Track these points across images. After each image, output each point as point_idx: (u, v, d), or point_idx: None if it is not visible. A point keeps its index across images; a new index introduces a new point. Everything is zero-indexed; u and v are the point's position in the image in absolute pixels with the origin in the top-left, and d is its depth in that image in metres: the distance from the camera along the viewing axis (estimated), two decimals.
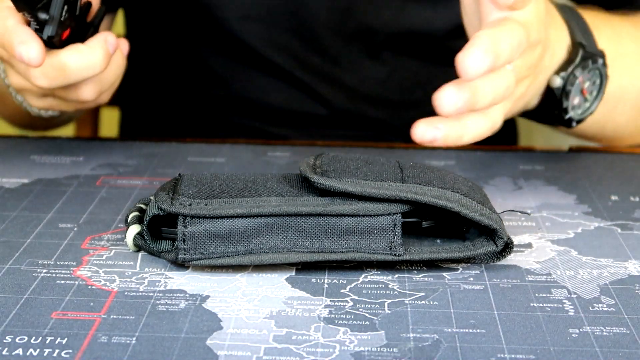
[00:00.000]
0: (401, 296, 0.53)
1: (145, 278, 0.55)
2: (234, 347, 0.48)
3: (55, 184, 0.70)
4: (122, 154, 0.77)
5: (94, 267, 0.56)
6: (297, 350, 0.48)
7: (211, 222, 0.54)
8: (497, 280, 0.56)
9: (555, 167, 0.75)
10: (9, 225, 0.62)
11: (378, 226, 0.55)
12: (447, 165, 0.76)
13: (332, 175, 0.55)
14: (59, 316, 0.51)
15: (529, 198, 0.68)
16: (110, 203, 0.66)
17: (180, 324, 0.50)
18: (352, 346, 0.48)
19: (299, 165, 0.57)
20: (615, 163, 0.77)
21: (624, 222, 0.64)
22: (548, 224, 0.64)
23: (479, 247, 0.56)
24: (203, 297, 0.53)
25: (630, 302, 0.53)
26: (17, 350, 0.47)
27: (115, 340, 0.48)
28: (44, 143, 0.80)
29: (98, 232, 0.62)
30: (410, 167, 0.58)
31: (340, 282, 0.55)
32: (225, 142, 0.81)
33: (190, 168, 0.75)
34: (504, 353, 0.48)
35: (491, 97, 0.60)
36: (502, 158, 0.78)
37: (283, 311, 0.52)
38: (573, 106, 0.72)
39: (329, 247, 0.55)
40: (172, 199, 0.55)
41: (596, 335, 0.50)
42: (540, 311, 0.52)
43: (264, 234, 0.55)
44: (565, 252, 0.59)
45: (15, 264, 0.57)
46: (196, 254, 0.55)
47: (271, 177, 0.58)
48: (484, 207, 0.56)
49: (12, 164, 0.74)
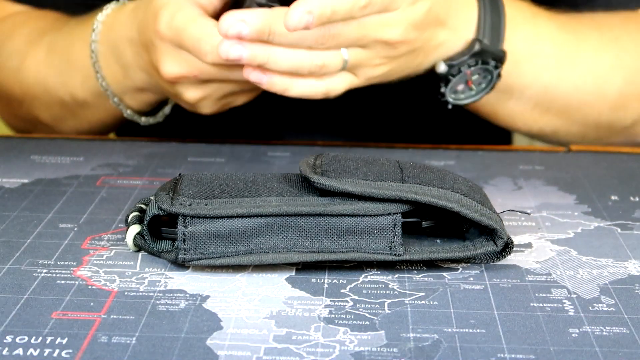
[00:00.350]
0: (401, 296, 0.53)
1: (145, 278, 0.55)
2: (234, 347, 0.48)
3: (55, 184, 0.70)
4: (122, 154, 0.77)
5: (94, 267, 0.56)
6: (297, 350, 0.48)
7: (211, 222, 0.54)
8: (497, 280, 0.56)
9: (555, 167, 0.75)
10: (9, 225, 0.62)
11: (378, 226, 0.55)
12: (447, 165, 0.76)
13: (332, 175, 0.55)
14: (59, 316, 0.51)
15: (528, 198, 0.68)
16: (110, 203, 0.66)
17: (180, 324, 0.50)
18: (352, 346, 0.48)
19: (299, 165, 0.57)
20: (615, 163, 0.76)
21: (624, 222, 0.64)
22: (548, 224, 0.64)
23: (479, 247, 0.56)
24: (203, 297, 0.53)
25: (630, 302, 0.53)
26: (17, 350, 0.47)
27: (115, 340, 0.48)
28: (44, 143, 0.80)
29: (98, 232, 0.62)
30: (410, 167, 0.58)
31: (340, 282, 0.55)
32: (225, 142, 0.81)
33: (190, 168, 0.75)
34: (504, 353, 0.48)
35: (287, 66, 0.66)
36: (502, 158, 0.78)
37: (283, 311, 0.52)
38: (455, 90, 0.75)
39: (329, 247, 0.55)
40: (172, 199, 0.55)
41: (596, 335, 0.50)
42: (540, 311, 0.52)
43: (264, 234, 0.55)
44: (565, 252, 0.59)
45: (16, 264, 0.57)
46: (196, 254, 0.55)
47: (271, 177, 0.58)
48: (484, 207, 0.56)
49: (12, 164, 0.74)
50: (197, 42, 0.68)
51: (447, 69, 0.73)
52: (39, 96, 0.84)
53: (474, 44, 0.73)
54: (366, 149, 0.80)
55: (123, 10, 0.78)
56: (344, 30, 0.67)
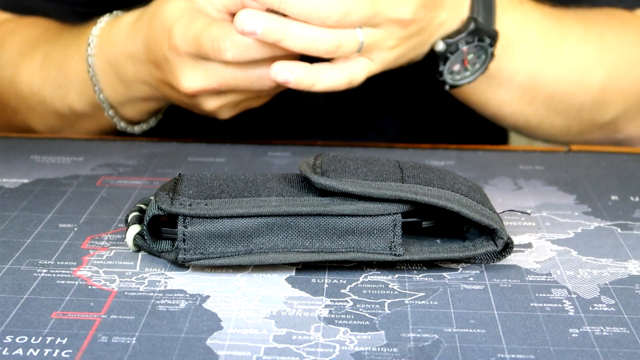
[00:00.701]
0: (401, 296, 0.53)
1: (145, 278, 0.55)
2: (234, 347, 0.48)
3: (55, 184, 0.70)
4: (122, 154, 0.77)
5: (94, 267, 0.56)
6: (297, 350, 0.48)
7: (211, 222, 0.54)
8: (497, 280, 0.56)
9: (555, 167, 0.75)
10: (9, 225, 0.62)
11: (378, 226, 0.55)
12: (447, 165, 0.76)
13: (332, 175, 0.55)
14: (59, 316, 0.51)
15: (528, 198, 0.68)
16: (110, 203, 0.66)
17: (180, 324, 0.50)
18: (352, 346, 0.48)
19: (299, 165, 0.57)
20: (615, 163, 0.76)
21: (624, 222, 0.64)
22: (548, 224, 0.64)
23: (479, 247, 0.56)
24: (203, 297, 0.53)
25: (630, 302, 0.53)
26: (17, 350, 0.47)
27: (115, 340, 0.48)
28: (44, 143, 0.80)
29: (98, 232, 0.62)
30: (410, 167, 0.58)
31: (340, 282, 0.55)
32: (225, 142, 0.81)
33: (190, 168, 0.75)
34: (504, 353, 0.48)
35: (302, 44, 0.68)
36: (502, 158, 0.78)
37: (283, 311, 0.52)
38: (451, 71, 0.76)
39: (329, 247, 0.55)
40: (172, 199, 0.55)
41: (596, 335, 0.50)
42: (540, 311, 0.52)
43: (264, 234, 0.55)
44: (565, 252, 0.59)
45: (16, 264, 0.57)
46: (196, 254, 0.55)
47: (271, 177, 0.58)
48: (484, 207, 0.56)
49: (12, 164, 0.74)
50: (216, 42, 0.69)
51: (445, 47, 0.75)
52: (34, 107, 0.84)
53: (469, 22, 0.75)
54: (366, 149, 0.80)
55: (120, 24, 0.78)
56: (357, 7, 0.67)
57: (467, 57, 0.76)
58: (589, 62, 0.81)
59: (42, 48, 0.84)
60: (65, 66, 0.82)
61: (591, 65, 0.81)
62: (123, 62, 0.77)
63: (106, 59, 0.78)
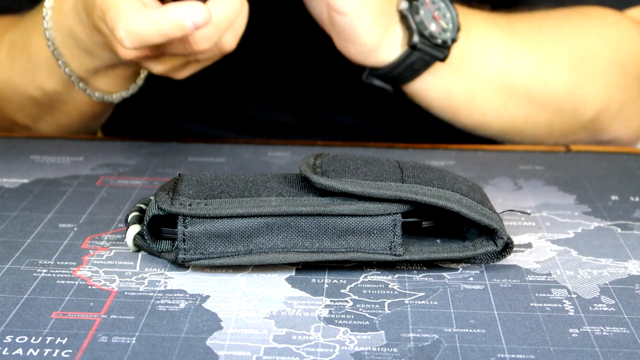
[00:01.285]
0: (401, 296, 0.53)
1: (145, 278, 0.55)
2: (234, 347, 0.48)
3: (55, 184, 0.70)
4: (122, 154, 0.77)
5: (94, 267, 0.56)
6: (297, 350, 0.48)
7: (211, 222, 0.54)
8: (497, 280, 0.56)
9: (555, 167, 0.75)
10: (9, 225, 0.62)
11: (378, 226, 0.55)
12: (447, 165, 0.76)
13: (332, 175, 0.55)
14: (59, 316, 0.51)
15: (528, 198, 0.68)
16: (110, 203, 0.66)
17: (180, 324, 0.50)
18: (352, 346, 0.48)
19: (299, 165, 0.57)
20: (615, 163, 0.77)
21: (624, 222, 0.64)
22: (548, 224, 0.64)
23: (479, 247, 0.56)
24: (203, 297, 0.53)
25: (630, 302, 0.53)
26: (17, 350, 0.47)
27: (115, 340, 0.48)
28: (44, 143, 0.80)
29: (98, 232, 0.62)
30: (410, 167, 0.58)
31: (340, 282, 0.55)
32: (225, 142, 0.81)
33: (190, 168, 0.75)
34: (504, 353, 0.48)
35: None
36: (502, 158, 0.78)
37: (283, 311, 0.52)
38: (432, 35, 0.76)
39: (329, 247, 0.55)
40: (172, 199, 0.55)
41: (596, 335, 0.50)
42: (540, 311, 0.52)
43: (264, 234, 0.55)
44: (565, 252, 0.59)
45: (15, 264, 0.57)
46: (196, 254, 0.55)
47: (271, 177, 0.58)
48: (484, 207, 0.56)
49: (12, 164, 0.74)
50: (114, 31, 0.66)
51: (407, 3, 0.75)
52: (8, 97, 0.83)
53: None
54: (366, 149, 0.80)
55: None
56: None
57: (434, 12, 0.76)
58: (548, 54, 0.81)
59: (6, 36, 0.82)
60: (27, 47, 0.79)
61: (551, 57, 0.81)
62: (76, 30, 0.74)
63: (62, 30, 0.75)
